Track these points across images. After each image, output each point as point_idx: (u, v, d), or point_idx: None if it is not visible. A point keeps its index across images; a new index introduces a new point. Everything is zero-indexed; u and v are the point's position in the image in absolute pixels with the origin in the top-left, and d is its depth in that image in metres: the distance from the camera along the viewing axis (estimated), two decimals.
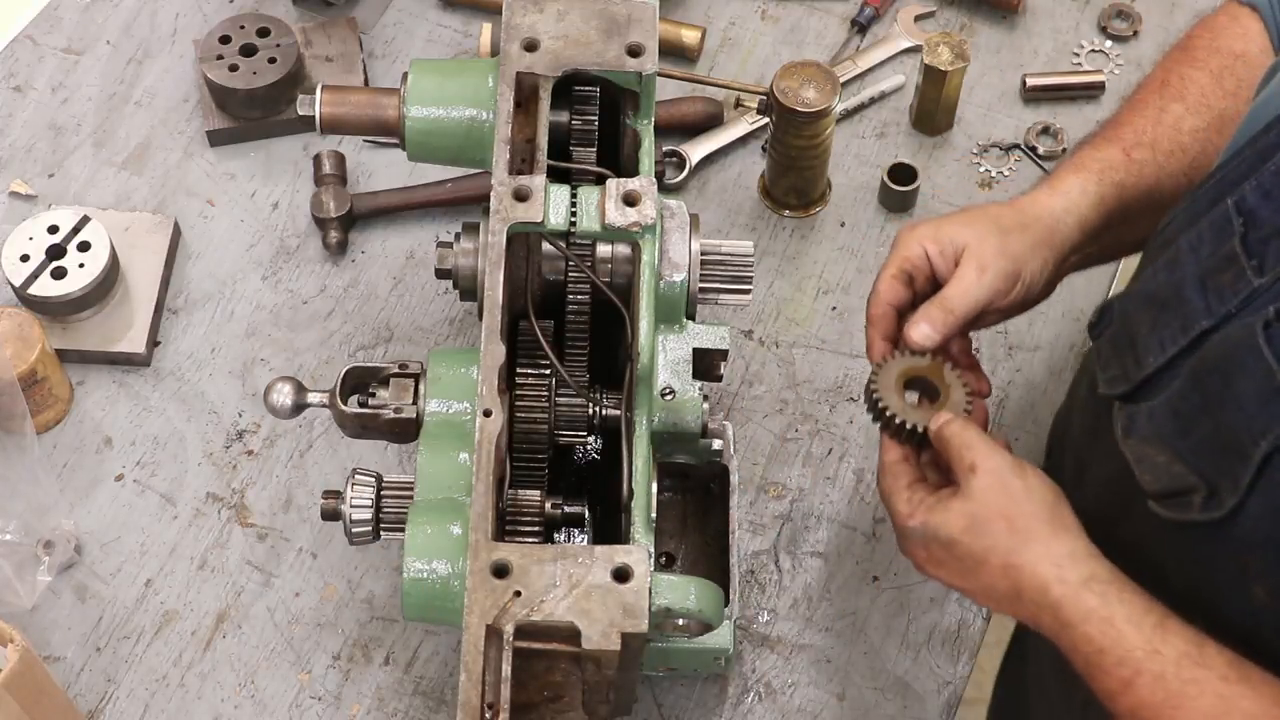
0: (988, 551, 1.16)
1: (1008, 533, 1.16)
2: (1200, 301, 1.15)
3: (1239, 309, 1.12)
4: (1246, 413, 1.08)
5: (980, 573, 1.17)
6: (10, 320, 1.49)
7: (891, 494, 1.23)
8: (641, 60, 1.28)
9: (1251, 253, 1.13)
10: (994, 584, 1.17)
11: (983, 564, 1.17)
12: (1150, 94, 1.37)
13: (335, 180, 1.65)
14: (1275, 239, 1.11)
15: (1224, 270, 1.14)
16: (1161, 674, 1.09)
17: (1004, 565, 1.16)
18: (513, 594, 1.10)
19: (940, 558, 1.19)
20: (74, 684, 1.41)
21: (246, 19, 1.71)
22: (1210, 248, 1.16)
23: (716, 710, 1.41)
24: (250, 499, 1.51)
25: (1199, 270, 1.16)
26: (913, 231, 1.29)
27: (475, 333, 1.49)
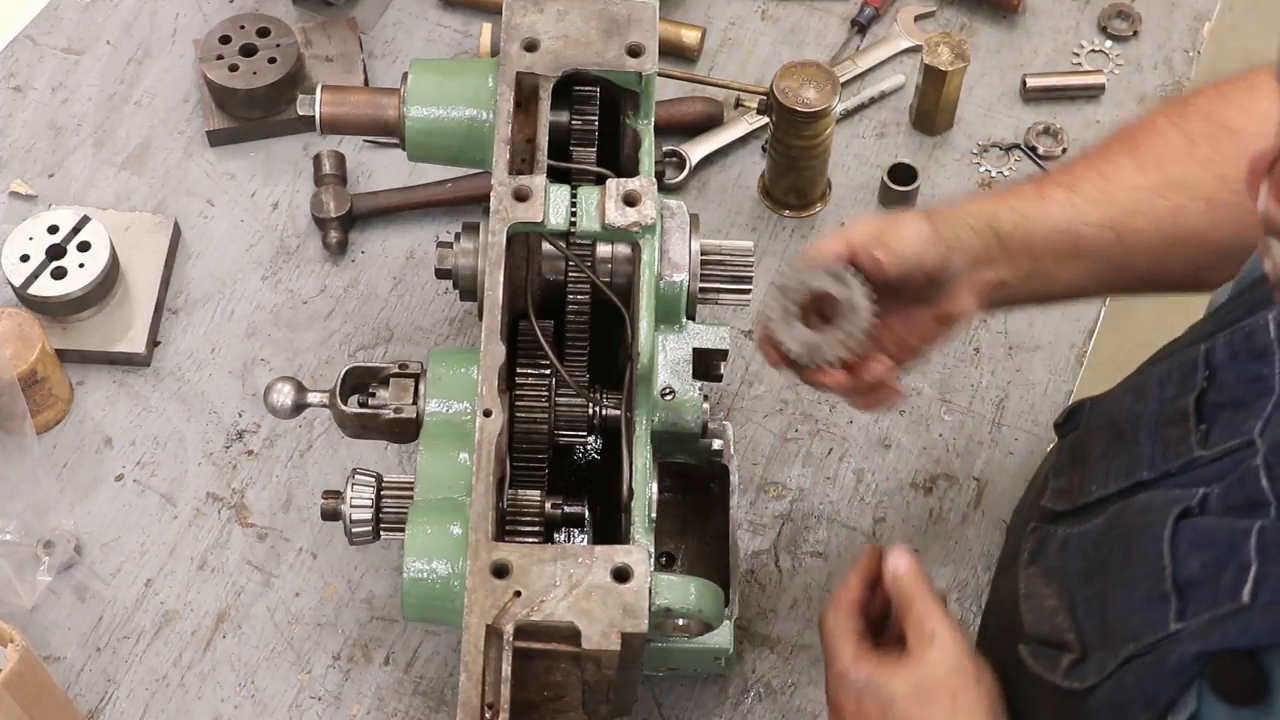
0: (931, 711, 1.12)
1: (949, 709, 1.12)
2: (1149, 449, 1.12)
3: (1176, 473, 1.08)
4: (1131, 603, 1.06)
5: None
6: (10, 320, 1.49)
7: (838, 635, 1.18)
8: (641, 60, 1.29)
9: (1202, 417, 1.09)
10: None
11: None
12: (1114, 143, 1.29)
13: (335, 180, 1.65)
14: (1228, 410, 1.07)
15: (1175, 425, 1.11)
16: None
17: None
18: (513, 594, 1.10)
19: (869, 714, 1.14)
20: (74, 684, 1.41)
21: (246, 19, 1.71)
22: (1173, 391, 1.13)
23: (716, 710, 1.41)
24: (250, 499, 1.51)
25: (1157, 413, 1.13)
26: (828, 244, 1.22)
27: (475, 333, 1.49)
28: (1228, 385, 1.08)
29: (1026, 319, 1.61)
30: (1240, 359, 1.08)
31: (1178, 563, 1.03)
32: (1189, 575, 1.02)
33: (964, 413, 1.56)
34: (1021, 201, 1.26)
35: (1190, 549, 1.03)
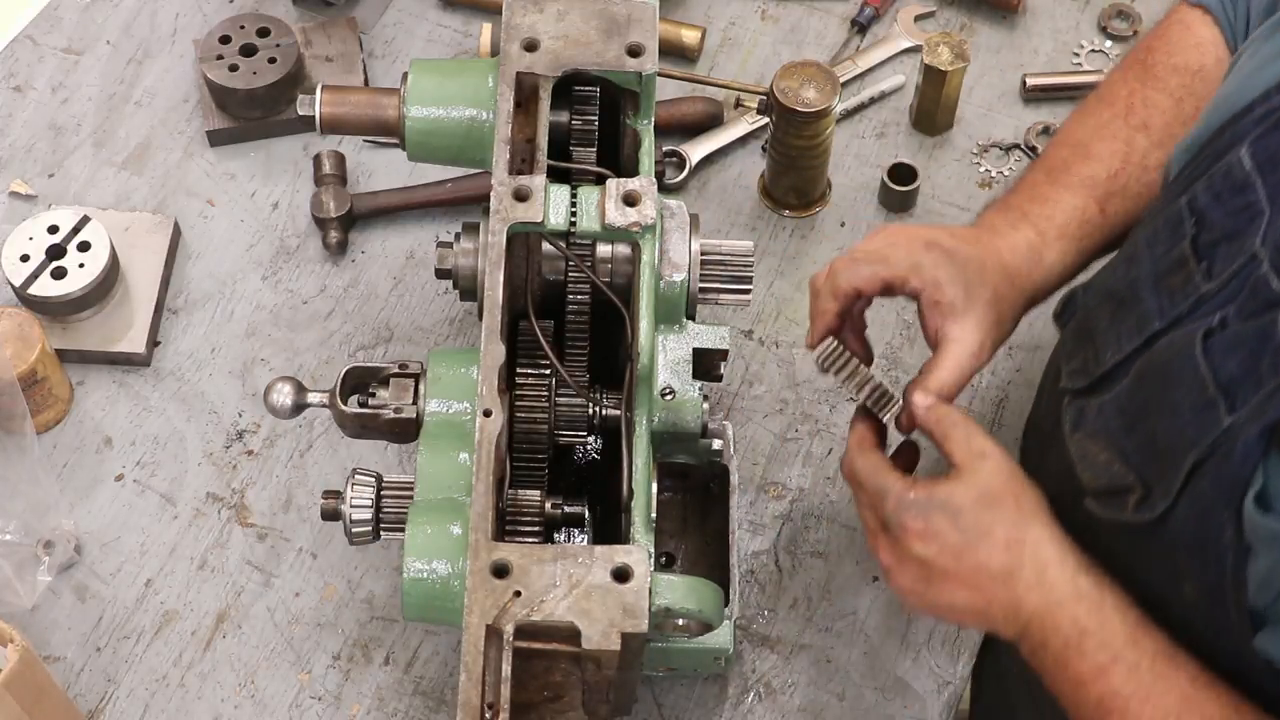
0: (994, 524, 1.17)
1: (1015, 510, 1.17)
2: (1154, 302, 1.16)
3: (1188, 313, 1.12)
4: (1180, 421, 1.09)
5: (981, 546, 1.16)
6: (10, 320, 1.49)
7: (878, 470, 1.22)
8: (641, 60, 1.29)
9: (1201, 255, 1.13)
10: (990, 560, 1.16)
11: (987, 536, 1.16)
12: (1115, 117, 1.35)
13: (335, 180, 1.65)
14: (1224, 243, 1.11)
15: (1175, 272, 1.15)
16: (1137, 664, 1.11)
17: (1008, 540, 1.16)
18: (513, 594, 1.10)
19: (940, 529, 1.17)
20: (74, 684, 1.41)
21: (246, 19, 1.71)
22: (1164, 247, 1.17)
23: (716, 710, 1.41)
24: (250, 499, 1.51)
25: (1154, 270, 1.17)
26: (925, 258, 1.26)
27: (475, 333, 1.49)
28: (1217, 224, 1.12)
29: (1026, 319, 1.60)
30: (1223, 197, 1.12)
31: (1216, 370, 1.07)
32: (1229, 376, 1.07)
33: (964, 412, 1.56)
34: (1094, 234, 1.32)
35: (1223, 355, 1.07)
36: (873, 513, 1.22)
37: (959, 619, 1.25)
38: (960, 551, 1.17)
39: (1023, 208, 1.33)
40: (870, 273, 1.26)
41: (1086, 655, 1.12)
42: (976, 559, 1.16)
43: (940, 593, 1.18)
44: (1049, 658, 1.15)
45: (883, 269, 1.26)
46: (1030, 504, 1.18)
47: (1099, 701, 1.12)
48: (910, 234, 1.30)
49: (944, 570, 1.17)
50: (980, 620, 1.20)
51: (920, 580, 1.19)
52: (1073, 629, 1.13)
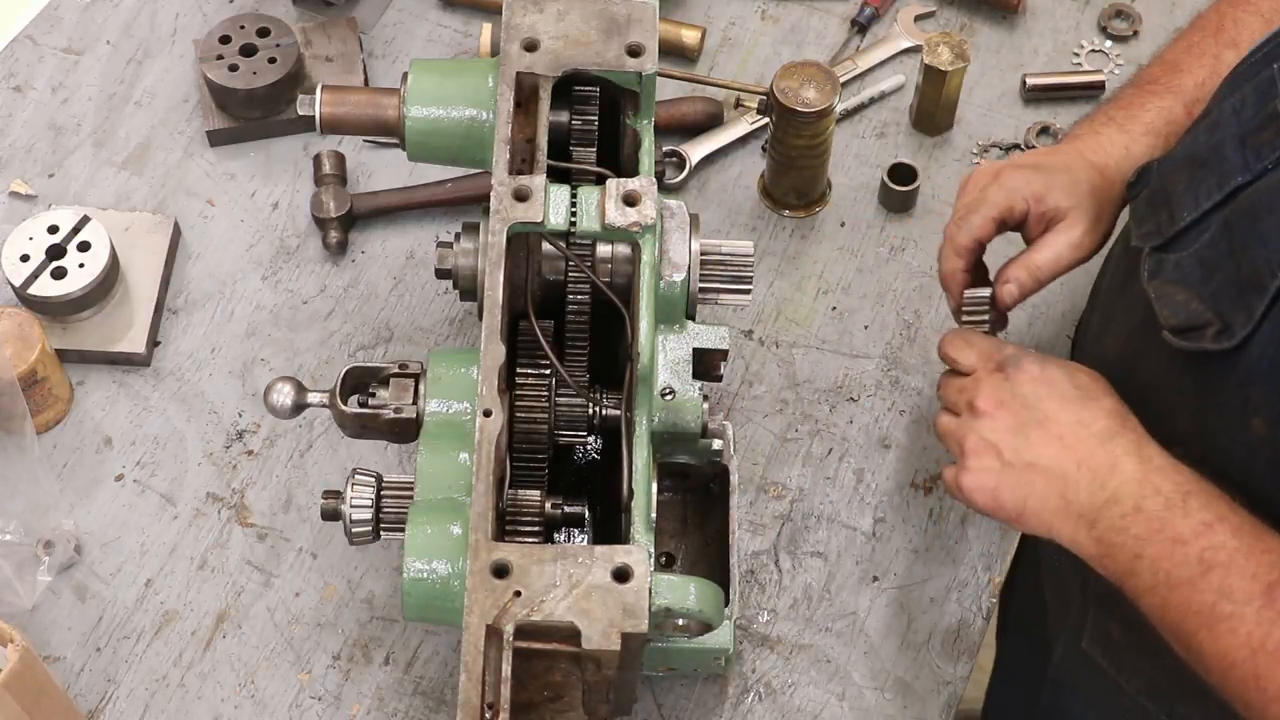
0: (1102, 394, 1.20)
1: (1115, 397, 1.20)
2: (1238, 159, 1.17)
3: (1275, 165, 1.14)
4: (1270, 247, 1.10)
5: (1088, 405, 1.19)
6: (10, 320, 1.49)
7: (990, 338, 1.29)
8: (641, 60, 1.29)
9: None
10: (1094, 420, 1.18)
11: (1094, 400, 1.19)
12: (1205, 37, 1.38)
13: (335, 180, 1.65)
14: None
15: (1264, 129, 1.16)
16: (1241, 525, 1.10)
17: (1112, 409, 1.19)
18: (513, 594, 1.10)
19: (1055, 378, 1.21)
20: (74, 684, 1.41)
21: (246, 19, 1.71)
22: (1252, 110, 1.18)
23: (716, 710, 1.41)
24: (250, 499, 1.51)
25: (1239, 130, 1.18)
26: (1015, 180, 1.33)
27: (475, 333, 1.49)
28: None
29: (1026, 319, 1.61)
30: None
31: None
32: None
33: None
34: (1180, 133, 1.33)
35: None
36: (984, 360, 1.26)
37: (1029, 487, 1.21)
38: (1068, 401, 1.20)
39: (1109, 113, 1.38)
40: (980, 220, 1.33)
41: (1191, 514, 1.12)
42: (1081, 414, 1.19)
43: (1029, 444, 1.20)
44: (1140, 522, 1.13)
45: (989, 210, 1.32)
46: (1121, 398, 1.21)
47: (1201, 557, 1.10)
48: (993, 167, 1.36)
49: (1046, 416, 1.20)
50: (1055, 486, 1.19)
51: (1014, 429, 1.20)
52: (1175, 490, 1.13)
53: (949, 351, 1.32)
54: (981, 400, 1.23)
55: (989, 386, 1.24)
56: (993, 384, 1.24)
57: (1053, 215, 1.32)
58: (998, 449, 1.21)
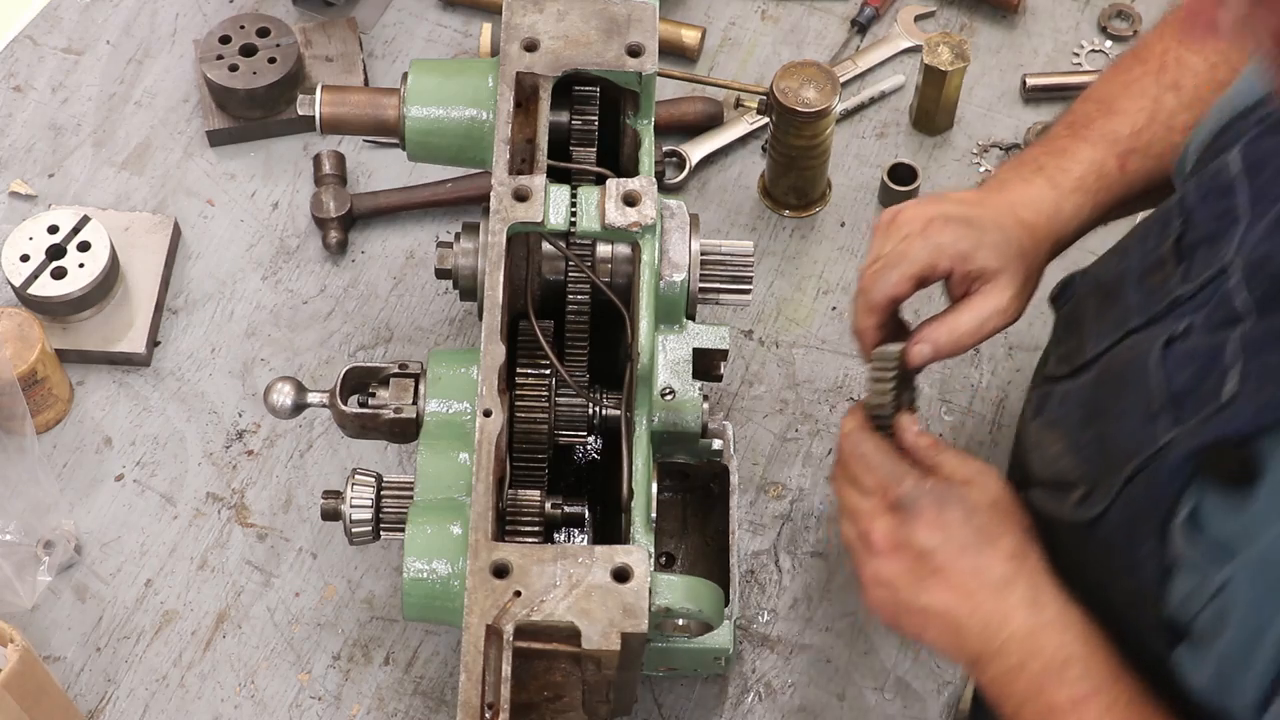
0: (1003, 533, 1.15)
1: (1020, 527, 1.16)
2: (1135, 298, 1.16)
3: (1163, 314, 1.12)
4: (1128, 426, 1.09)
5: (986, 550, 1.14)
6: (10, 320, 1.49)
7: (890, 454, 1.19)
8: (641, 60, 1.29)
9: (1181, 256, 1.13)
10: (990, 567, 1.13)
11: (994, 542, 1.14)
12: (1146, 74, 1.31)
13: (335, 180, 1.65)
14: (1204, 246, 1.11)
15: (1157, 270, 1.15)
16: (1115, 701, 1.08)
17: (1013, 551, 1.14)
18: (513, 594, 1.10)
19: (952, 521, 1.14)
20: (74, 684, 1.41)
21: (246, 19, 1.71)
22: (1154, 242, 1.16)
23: (716, 710, 1.41)
24: (250, 499, 1.51)
25: (1141, 265, 1.17)
26: (944, 237, 1.23)
27: (475, 333, 1.49)
28: (1201, 224, 1.12)
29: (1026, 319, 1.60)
30: (1210, 198, 1.12)
31: (1170, 380, 1.07)
32: (1178, 388, 1.07)
33: (964, 413, 1.56)
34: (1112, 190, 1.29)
35: (1178, 366, 1.08)
36: (878, 495, 1.18)
37: (923, 627, 1.17)
38: (965, 549, 1.14)
39: (1039, 160, 1.30)
40: (899, 276, 1.23)
41: (1067, 683, 1.09)
42: (978, 561, 1.14)
43: (924, 589, 1.15)
44: (1022, 681, 1.11)
45: (909, 267, 1.23)
46: (1029, 529, 1.17)
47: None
48: (921, 214, 1.26)
49: (940, 565, 1.14)
50: (948, 631, 1.14)
51: (909, 573, 1.15)
52: (1057, 653, 1.10)
53: (850, 464, 1.22)
54: (876, 538, 1.17)
55: (884, 526, 1.17)
56: (886, 525, 1.17)
57: (978, 275, 1.23)
58: (893, 588, 1.16)
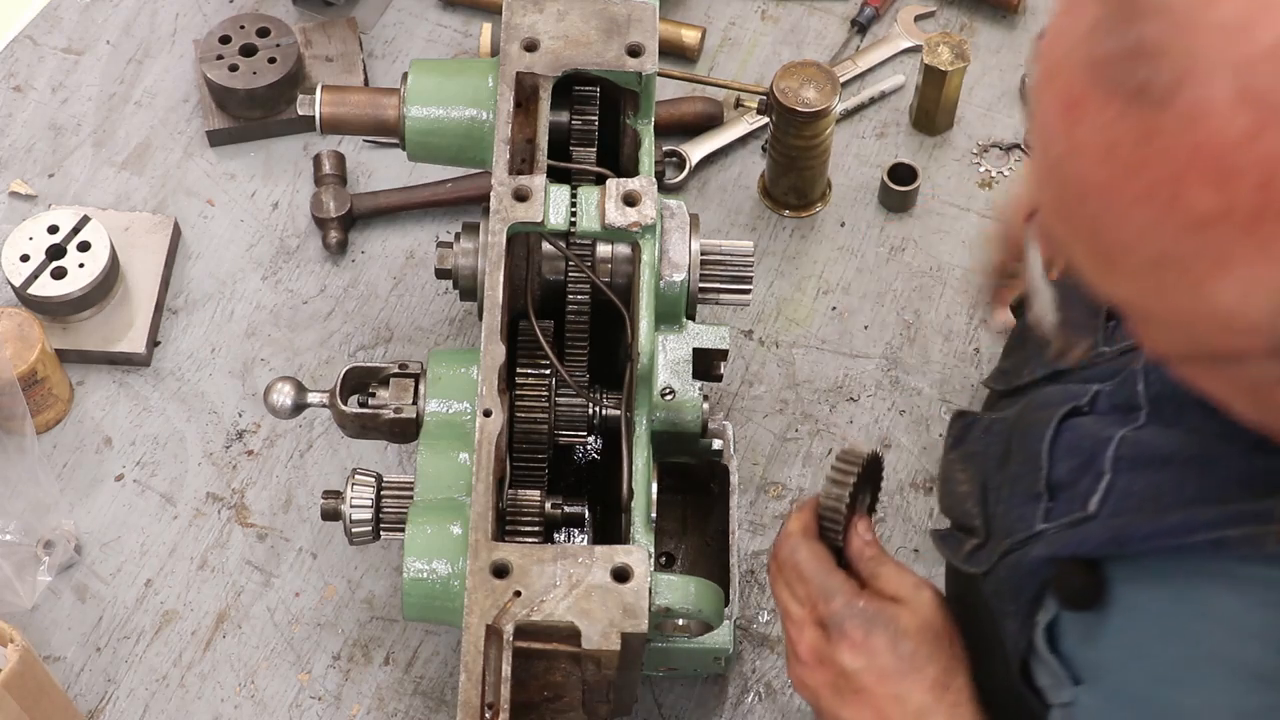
0: (929, 661, 1.11)
1: (949, 653, 1.13)
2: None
3: (1086, 366, 1.12)
4: (1013, 500, 1.09)
5: (909, 678, 1.11)
6: (10, 320, 1.49)
7: (826, 566, 1.16)
8: (641, 60, 1.29)
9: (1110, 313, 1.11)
10: (911, 695, 1.10)
11: (918, 671, 1.11)
12: None
13: (335, 180, 1.65)
14: None
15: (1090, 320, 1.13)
16: None
17: (935, 681, 1.11)
18: (513, 594, 1.10)
19: (878, 647, 1.11)
20: (74, 684, 1.41)
21: (246, 19, 1.71)
22: None
23: (716, 710, 1.41)
24: (250, 499, 1.51)
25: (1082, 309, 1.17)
26: None
27: (475, 333, 1.49)
28: None
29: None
30: None
31: (1053, 464, 1.07)
32: (1059, 478, 1.06)
33: None
34: None
35: (1064, 452, 1.07)
36: (808, 606, 1.15)
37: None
38: (886, 676, 1.11)
39: None
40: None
41: None
42: (900, 689, 1.11)
43: (844, 706, 1.13)
44: None
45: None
46: (960, 651, 1.14)
47: None
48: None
49: (862, 688, 1.12)
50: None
51: (830, 687, 1.13)
52: None
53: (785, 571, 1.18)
54: (801, 648, 1.15)
55: (810, 639, 1.14)
56: (811, 638, 1.14)
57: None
58: (816, 695, 1.15)
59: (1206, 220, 0.72)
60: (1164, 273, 0.76)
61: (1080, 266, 0.81)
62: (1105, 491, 1.02)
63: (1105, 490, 1.02)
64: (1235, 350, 0.78)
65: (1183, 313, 0.77)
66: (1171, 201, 0.72)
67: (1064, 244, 0.82)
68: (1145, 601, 0.97)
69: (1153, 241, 0.75)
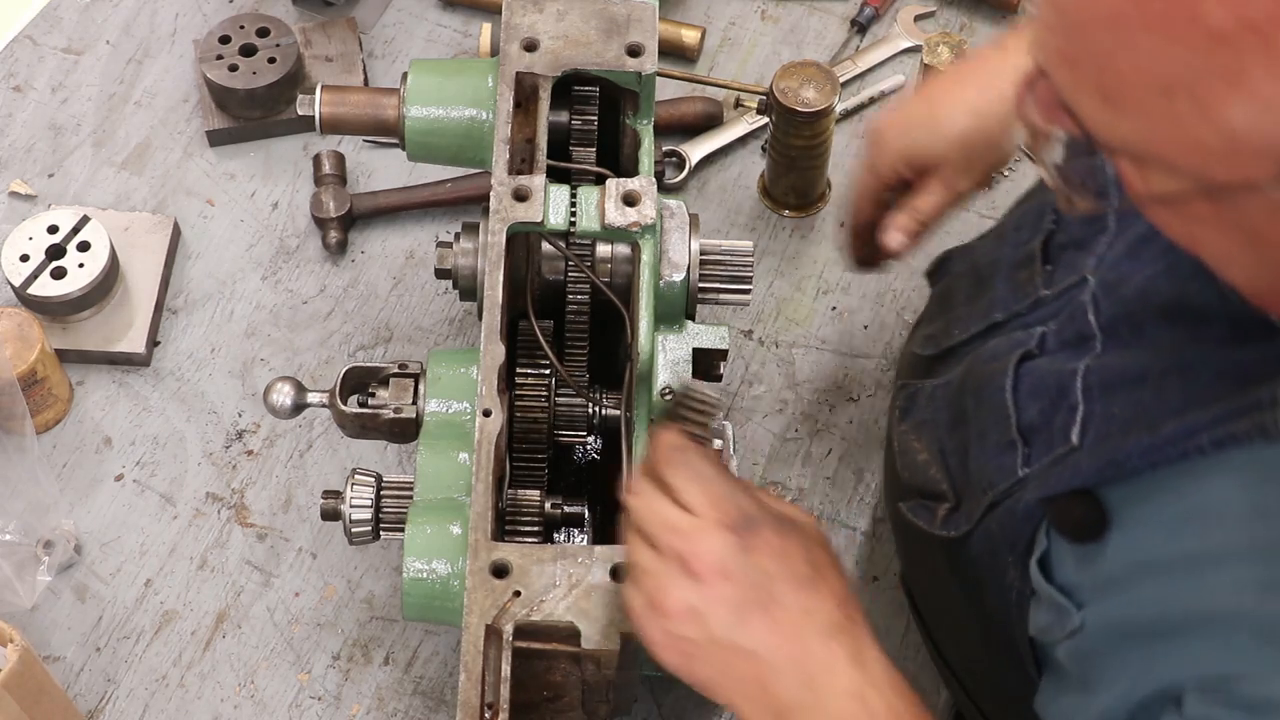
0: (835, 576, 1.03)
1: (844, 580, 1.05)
2: (1003, 291, 1.15)
3: (1026, 312, 1.12)
4: (986, 453, 1.08)
5: (821, 589, 1.01)
6: (10, 320, 1.49)
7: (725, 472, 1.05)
8: (641, 60, 1.29)
9: (1049, 257, 1.12)
10: (821, 608, 1.00)
11: (823, 580, 1.02)
12: None
13: (335, 180, 1.65)
14: (1071, 249, 1.10)
15: (1025, 267, 1.14)
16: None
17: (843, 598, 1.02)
18: (512, 594, 1.10)
19: (793, 553, 1.01)
20: (74, 684, 1.41)
21: (246, 19, 1.71)
22: (1026, 235, 1.16)
23: (716, 710, 1.41)
24: (250, 499, 1.51)
25: (1013, 256, 1.17)
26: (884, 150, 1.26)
27: (475, 333, 1.49)
28: (1072, 226, 1.12)
29: None
30: None
31: (1020, 410, 1.07)
32: (1029, 421, 1.06)
33: None
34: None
35: (1029, 396, 1.07)
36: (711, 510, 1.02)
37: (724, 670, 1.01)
38: (801, 584, 1.00)
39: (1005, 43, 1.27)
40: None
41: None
42: (811, 600, 1.00)
43: (744, 627, 0.99)
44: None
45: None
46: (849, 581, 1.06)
47: None
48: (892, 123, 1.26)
49: (772, 598, 1.00)
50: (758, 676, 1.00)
51: (730, 607, 1.00)
52: (887, 714, 0.98)
53: (668, 474, 1.04)
54: (700, 562, 1.00)
55: (714, 547, 1.00)
56: (720, 546, 1.00)
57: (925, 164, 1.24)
58: (705, 621, 0.99)
59: (1221, 35, 0.71)
60: (1173, 100, 0.75)
61: (1084, 114, 0.81)
62: (1084, 421, 1.01)
63: (1083, 420, 1.01)
64: (1241, 179, 0.77)
65: (1190, 143, 0.77)
66: (1185, 20, 0.72)
67: (1068, 93, 0.81)
68: (1148, 514, 0.95)
69: (1163, 66, 0.75)
